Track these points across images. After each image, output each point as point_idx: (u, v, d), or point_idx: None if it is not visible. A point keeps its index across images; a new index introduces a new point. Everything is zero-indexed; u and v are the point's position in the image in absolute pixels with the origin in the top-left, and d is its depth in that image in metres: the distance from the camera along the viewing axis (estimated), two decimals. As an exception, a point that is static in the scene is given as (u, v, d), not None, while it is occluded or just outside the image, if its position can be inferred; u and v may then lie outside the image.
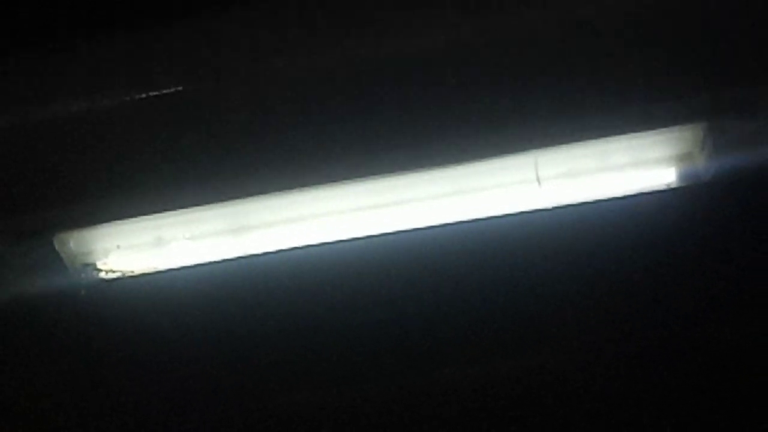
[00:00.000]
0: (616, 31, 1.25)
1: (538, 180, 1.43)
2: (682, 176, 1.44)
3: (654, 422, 1.81)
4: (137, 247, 1.51)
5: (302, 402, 1.81)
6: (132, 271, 1.52)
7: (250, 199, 1.44)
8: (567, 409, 1.82)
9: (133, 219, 1.45)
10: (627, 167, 1.44)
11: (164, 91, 1.27)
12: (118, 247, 1.51)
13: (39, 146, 1.31)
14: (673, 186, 1.44)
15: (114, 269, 1.52)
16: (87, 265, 1.51)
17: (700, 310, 1.67)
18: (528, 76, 1.28)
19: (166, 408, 1.79)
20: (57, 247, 1.46)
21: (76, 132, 1.30)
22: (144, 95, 1.27)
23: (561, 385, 1.79)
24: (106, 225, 1.46)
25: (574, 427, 1.83)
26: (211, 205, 1.44)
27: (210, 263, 1.50)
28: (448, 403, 1.83)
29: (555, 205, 1.45)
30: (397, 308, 1.63)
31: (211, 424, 1.84)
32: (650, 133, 1.39)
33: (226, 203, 1.44)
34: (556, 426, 1.83)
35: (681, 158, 1.44)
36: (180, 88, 1.27)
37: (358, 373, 1.75)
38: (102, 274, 1.52)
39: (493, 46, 1.25)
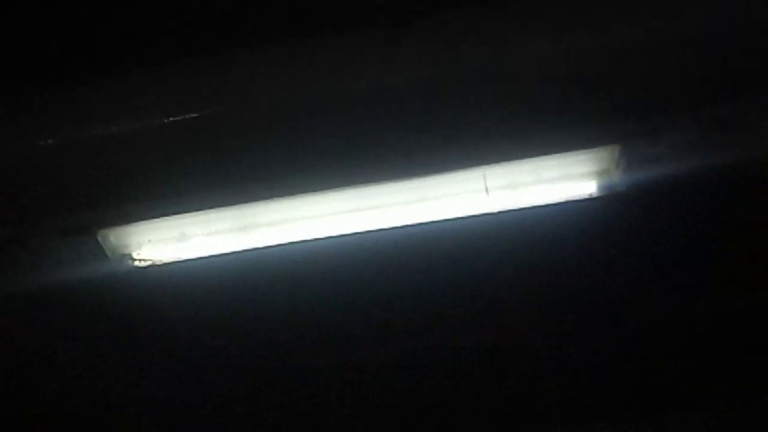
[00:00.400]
0: (550, 73, 1.33)
1: (486, 190, 1.52)
2: (601, 188, 1.54)
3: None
4: (165, 241, 1.58)
5: (291, 365, 1.92)
6: (160, 261, 1.58)
7: (255, 203, 1.51)
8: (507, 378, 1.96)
9: (162, 218, 1.52)
10: (557, 180, 1.53)
11: (187, 116, 1.34)
12: (150, 241, 1.57)
13: (85, 160, 1.38)
14: (594, 196, 1.54)
15: (146, 259, 1.58)
16: (124, 255, 1.58)
17: (614, 293, 1.80)
18: (479, 107, 1.36)
19: (181, 369, 1.89)
20: (100, 241, 1.53)
21: (115, 148, 1.36)
22: (171, 119, 1.34)
23: (501, 358, 1.90)
24: (139, 223, 1.53)
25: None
26: (225, 208, 1.51)
27: (223, 255, 1.57)
28: (423, 369, 1.97)
29: (500, 210, 1.54)
30: (373, 288, 1.73)
31: (216, 385, 1.94)
32: (576, 152, 1.49)
33: (236, 206, 1.51)
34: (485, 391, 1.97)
35: (600, 173, 1.53)
36: (198, 114, 1.34)
37: (340, 342, 1.86)
38: (136, 263, 1.58)
39: (451, 83, 1.33)
